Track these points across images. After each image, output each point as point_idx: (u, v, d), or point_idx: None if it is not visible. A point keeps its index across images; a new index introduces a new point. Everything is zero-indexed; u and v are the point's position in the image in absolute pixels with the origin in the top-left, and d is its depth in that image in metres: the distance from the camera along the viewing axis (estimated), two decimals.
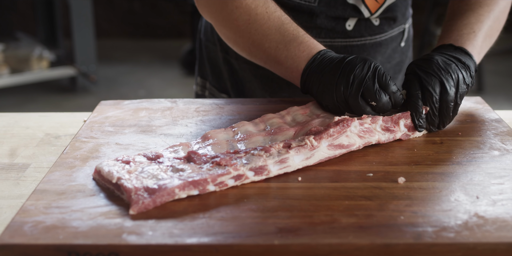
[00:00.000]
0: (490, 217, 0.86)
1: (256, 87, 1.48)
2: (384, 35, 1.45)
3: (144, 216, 0.86)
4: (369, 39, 1.42)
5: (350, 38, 1.41)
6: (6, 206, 0.96)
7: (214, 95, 1.57)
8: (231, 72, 1.51)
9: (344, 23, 1.38)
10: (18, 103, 4.43)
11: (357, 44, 1.42)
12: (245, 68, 1.47)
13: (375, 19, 1.41)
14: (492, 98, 4.38)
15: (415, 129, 1.14)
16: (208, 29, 1.54)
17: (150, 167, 0.96)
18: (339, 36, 1.39)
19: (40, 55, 4.48)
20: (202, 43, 1.58)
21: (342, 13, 1.36)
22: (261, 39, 1.23)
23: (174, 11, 5.98)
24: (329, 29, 1.38)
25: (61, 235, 0.82)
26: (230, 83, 1.52)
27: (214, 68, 1.55)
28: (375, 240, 0.81)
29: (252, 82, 1.48)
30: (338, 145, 1.05)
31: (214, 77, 1.56)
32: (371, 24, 1.41)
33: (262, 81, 1.46)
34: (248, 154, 1.00)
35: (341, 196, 0.93)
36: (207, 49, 1.56)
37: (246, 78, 1.48)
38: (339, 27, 1.39)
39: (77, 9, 4.42)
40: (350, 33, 1.40)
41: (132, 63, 5.38)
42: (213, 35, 1.52)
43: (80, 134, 1.15)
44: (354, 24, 1.39)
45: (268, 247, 0.80)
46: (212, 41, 1.53)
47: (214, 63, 1.55)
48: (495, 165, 1.03)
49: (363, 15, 1.37)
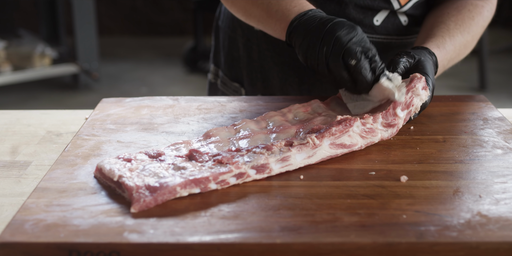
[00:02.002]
0: (493, 216, 0.86)
1: (275, 76, 1.48)
2: (411, 37, 1.44)
3: (145, 215, 0.86)
4: (395, 38, 1.42)
5: (377, 34, 1.40)
6: (7, 204, 0.96)
7: (225, 83, 1.57)
8: (250, 59, 1.50)
9: (373, 17, 1.38)
10: (20, 100, 4.43)
11: (383, 42, 1.41)
12: (266, 55, 1.47)
13: (404, 19, 1.40)
14: (495, 96, 4.38)
15: None
16: (227, 15, 1.54)
17: (152, 165, 0.96)
18: (366, 30, 1.38)
19: (42, 52, 4.48)
20: (220, 29, 1.58)
21: (371, 3, 1.35)
22: None
23: (176, 9, 5.98)
24: (357, 22, 1.37)
25: (62, 233, 0.81)
26: (246, 71, 1.52)
27: (229, 56, 1.55)
28: (378, 239, 0.81)
29: (270, 70, 1.48)
30: (340, 144, 1.05)
31: (227, 65, 1.56)
32: (399, 23, 1.40)
33: (281, 69, 1.46)
34: (250, 152, 1.00)
35: (343, 194, 0.92)
36: (224, 36, 1.56)
37: (265, 66, 1.48)
38: (367, 21, 1.38)
39: (79, 6, 4.42)
40: (377, 28, 1.39)
41: (134, 61, 5.38)
42: (233, 21, 1.52)
43: (82, 132, 1.15)
44: (382, 20, 1.38)
45: (270, 245, 0.80)
46: (231, 27, 1.53)
47: (230, 50, 1.55)
48: (498, 164, 1.03)
49: (393, 6, 1.36)
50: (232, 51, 1.54)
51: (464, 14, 1.34)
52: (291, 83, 1.46)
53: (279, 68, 1.46)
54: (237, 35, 1.51)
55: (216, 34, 1.61)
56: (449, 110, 1.27)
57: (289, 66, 1.45)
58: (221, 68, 1.59)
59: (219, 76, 1.59)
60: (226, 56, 1.56)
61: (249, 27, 1.48)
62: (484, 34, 4.41)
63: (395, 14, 1.39)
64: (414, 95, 1.14)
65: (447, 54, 1.29)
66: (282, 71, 1.46)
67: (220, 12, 1.59)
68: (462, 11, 1.34)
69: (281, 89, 1.48)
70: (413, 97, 1.14)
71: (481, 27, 1.37)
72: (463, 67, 4.88)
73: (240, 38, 1.51)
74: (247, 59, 1.51)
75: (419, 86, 1.14)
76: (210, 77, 1.64)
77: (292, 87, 1.46)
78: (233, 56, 1.54)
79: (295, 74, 1.45)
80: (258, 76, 1.50)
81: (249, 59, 1.50)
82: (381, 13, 1.38)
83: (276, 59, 1.46)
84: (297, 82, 1.45)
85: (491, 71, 4.70)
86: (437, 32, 1.31)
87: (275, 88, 1.49)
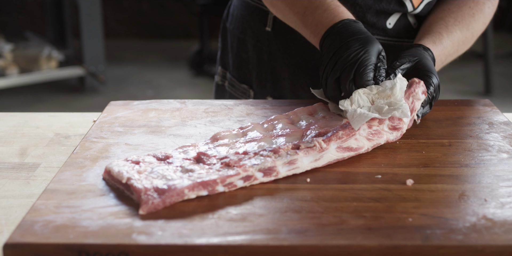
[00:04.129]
0: (499, 220, 0.87)
1: (286, 78, 1.48)
2: None
3: (153, 216, 0.87)
4: (406, 41, 1.43)
5: (389, 37, 1.41)
6: (17, 206, 0.97)
7: (233, 85, 1.57)
8: (259, 61, 1.51)
9: (385, 20, 1.39)
10: (26, 103, 4.45)
11: (395, 44, 1.42)
12: (276, 56, 1.48)
13: (413, 22, 1.42)
14: (501, 100, 4.37)
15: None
16: (236, 17, 1.55)
17: (160, 168, 0.97)
18: (379, 33, 1.40)
19: (49, 55, 4.50)
20: (228, 31, 1.59)
21: (387, 6, 1.36)
22: (292, 3, 1.28)
23: (182, 12, 6.00)
24: (370, 25, 1.38)
25: (71, 235, 0.82)
26: (256, 73, 1.52)
27: (237, 58, 1.56)
28: (383, 241, 0.82)
29: (281, 72, 1.48)
30: (347, 147, 1.05)
31: (236, 67, 1.57)
32: (410, 26, 1.42)
33: (292, 71, 1.47)
34: (257, 155, 1.01)
35: (349, 197, 0.93)
36: (232, 38, 1.57)
37: (276, 67, 1.49)
38: (380, 24, 1.39)
39: (86, 9, 4.43)
40: (389, 31, 1.40)
41: (140, 64, 5.39)
42: (243, 22, 1.53)
43: (90, 134, 1.16)
44: (394, 23, 1.40)
45: (277, 248, 0.81)
46: (241, 28, 1.53)
47: (239, 52, 1.55)
48: (503, 168, 1.03)
49: (407, 8, 1.37)
50: (240, 52, 1.54)
51: (465, 10, 1.35)
52: (303, 84, 1.47)
53: (290, 69, 1.47)
54: (247, 37, 1.52)
55: (223, 36, 1.61)
56: (455, 114, 1.27)
57: (301, 68, 1.46)
58: (229, 70, 1.59)
59: (226, 78, 1.60)
60: (235, 58, 1.56)
61: (259, 28, 1.48)
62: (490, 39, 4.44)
63: (406, 17, 1.41)
64: (415, 100, 1.15)
65: (444, 50, 1.30)
66: (293, 72, 1.47)
67: (228, 14, 1.60)
68: (463, 7, 1.35)
69: (291, 91, 1.48)
70: (414, 102, 1.15)
71: (482, 24, 1.38)
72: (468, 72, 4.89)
73: (250, 39, 1.51)
74: (257, 60, 1.51)
75: (419, 91, 1.15)
76: (217, 79, 1.64)
77: (304, 88, 1.47)
78: (241, 58, 1.55)
79: (306, 76, 1.46)
80: (268, 77, 1.50)
81: (259, 60, 1.51)
82: (394, 16, 1.39)
83: (288, 60, 1.47)
84: (309, 84, 1.46)
85: (496, 75, 4.70)
86: (435, 28, 1.32)
87: (285, 90, 1.49)
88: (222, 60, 1.63)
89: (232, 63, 1.57)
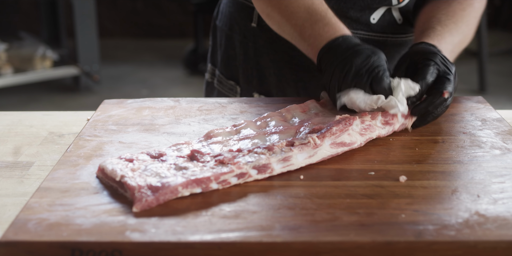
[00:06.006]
0: (491, 216, 0.87)
1: (271, 73, 1.49)
2: (406, 36, 1.46)
3: (147, 214, 0.87)
4: (390, 36, 1.44)
5: (373, 32, 1.42)
6: (10, 204, 0.97)
7: (221, 82, 1.58)
8: (246, 56, 1.52)
9: (370, 15, 1.39)
10: (21, 102, 4.44)
11: (378, 40, 1.43)
12: (262, 52, 1.49)
13: (398, 18, 1.42)
14: (495, 98, 4.38)
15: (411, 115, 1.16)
16: (225, 14, 1.56)
17: (154, 165, 0.97)
18: (362, 28, 1.41)
19: (44, 55, 4.49)
20: (218, 29, 1.60)
21: (372, 0, 1.37)
22: (290, 15, 1.28)
23: (177, 11, 5.99)
24: (353, 20, 1.39)
25: (65, 232, 0.82)
26: (242, 69, 1.53)
27: (225, 54, 1.57)
28: (376, 238, 0.82)
29: (266, 67, 1.49)
30: (340, 143, 1.06)
31: (223, 63, 1.57)
32: (395, 21, 1.43)
33: (277, 66, 1.48)
34: (251, 152, 1.01)
35: (342, 194, 0.93)
36: (221, 35, 1.57)
37: (261, 62, 1.50)
38: (364, 19, 1.40)
39: (80, 9, 4.43)
40: (373, 26, 1.41)
41: (135, 63, 5.38)
42: (230, 19, 1.53)
43: (84, 133, 1.16)
44: (379, 18, 1.40)
45: (271, 244, 0.81)
46: (228, 25, 1.54)
47: (226, 48, 1.56)
48: (496, 164, 1.04)
49: (391, 1, 1.37)
50: (228, 49, 1.55)
51: (455, 6, 1.36)
52: (287, 80, 1.48)
53: (275, 65, 1.48)
54: (234, 33, 1.53)
55: (213, 34, 1.62)
56: (448, 111, 1.27)
57: (285, 63, 1.47)
58: (217, 67, 1.60)
59: (215, 75, 1.61)
60: (223, 55, 1.57)
61: (245, 24, 1.49)
62: (484, 37, 4.44)
63: (390, 12, 1.41)
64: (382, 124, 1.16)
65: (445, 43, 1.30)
66: (278, 67, 1.48)
67: (218, 12, 1.61)
68: (452, 4, 1.36)
69: (276, 86, 1.49)
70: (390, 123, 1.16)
71: (474, 17, 1.38)
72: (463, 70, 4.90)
73: (236, 36, 1.52)
74: (243, 56, 1.52)
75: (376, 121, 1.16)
76: (207, 77, 1.66)
77: (288, 84, 1.48)
78: (229, 54, 1.56)
79: (291, 71, 1.47)
80: (254, 73, 1.51)
81: (245, 56, 1.52)
82: (378, 11, 1.40)
83: (273, 56, 1.47)
84: (294, 79, 1.47)
85: (490, 73, 4.71)
86: (429, 25, 1.32)
87: (271, 86, 1.50)
88: (212, 57, 1.64)
89: (220, 60, 1.58)
